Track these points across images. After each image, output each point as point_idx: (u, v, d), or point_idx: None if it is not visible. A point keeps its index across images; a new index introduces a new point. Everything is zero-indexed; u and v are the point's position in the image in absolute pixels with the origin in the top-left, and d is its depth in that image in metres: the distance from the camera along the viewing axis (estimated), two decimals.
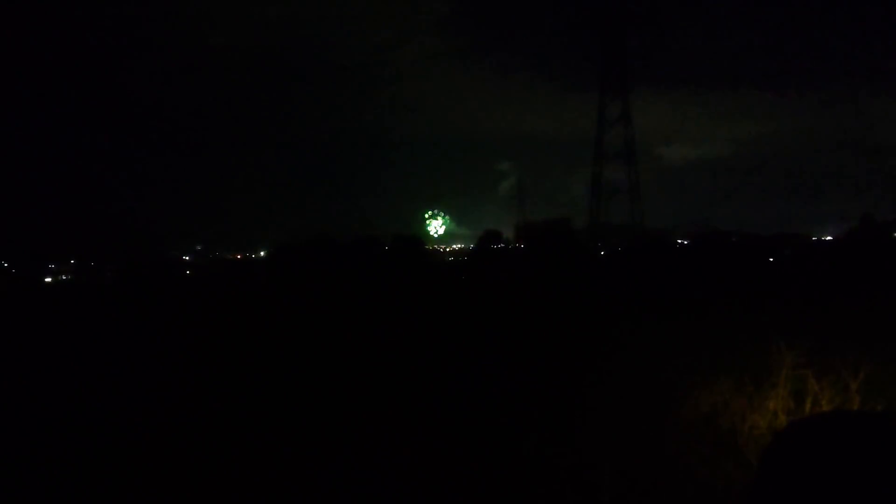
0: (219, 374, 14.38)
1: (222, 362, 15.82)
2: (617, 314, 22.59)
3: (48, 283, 67.47)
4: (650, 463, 7.28)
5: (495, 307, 27.04)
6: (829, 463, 2.02)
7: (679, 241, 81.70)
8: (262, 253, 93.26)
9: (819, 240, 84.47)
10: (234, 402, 11.82)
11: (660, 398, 9.49)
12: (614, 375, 11.57)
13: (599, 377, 11.74)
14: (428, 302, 30.05)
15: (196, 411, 11.35)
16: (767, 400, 8.13)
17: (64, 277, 71.46)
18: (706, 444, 7.75)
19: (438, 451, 8.42)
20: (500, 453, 8.16)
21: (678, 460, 7.28)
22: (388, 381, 12.90)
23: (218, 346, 18.36)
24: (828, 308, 19.80)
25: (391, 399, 11.41)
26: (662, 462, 7.28)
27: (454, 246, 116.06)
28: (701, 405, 8.84)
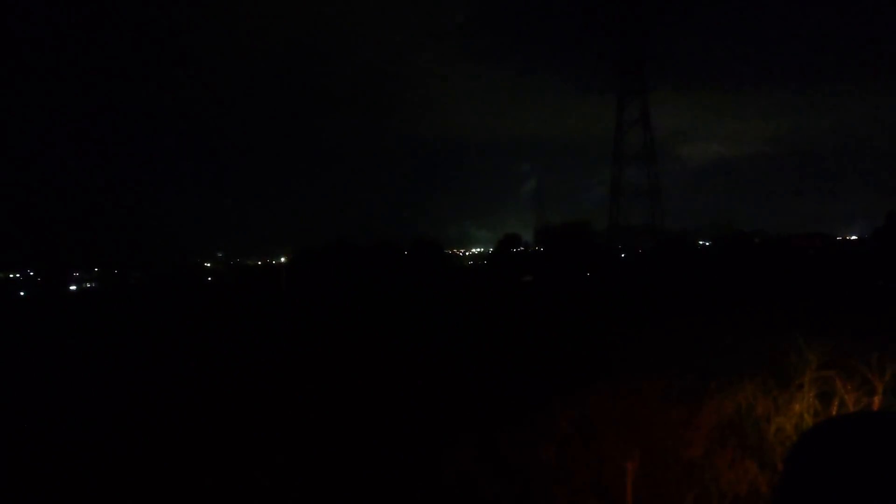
0: (239, 375, 14.48)
1: (244, 364, 15.94)
2: (639, 316, 22.44)
3: (73, 290, 68.37)
4: (673, 466, 7.20)
5: (517, 309, 26.98)
6: (855, 464, 1.97)
7: (701, 242, 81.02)
8: (282, 259, 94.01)
9: (844, 239, 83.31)
10: (256, 399, 11.90)
11: (683, 400, 9.39)
12: (637, 376, 11.46)
13: (622, 377, 11.65)
14: (448, 305, 30.05)
15: (219, 409, 11.44)
16: (793, 402, 8.01)
17: (88, 285, 72.38)
18: (731, 446, 7.64)
19: (458, 450, 8.39)
20: (521, 455, 8.11)
21: (702, 463, 7.18)
22: (409, 380, 12.91)
23: (240, 348, 18.51)
24: (853, 307, 19.52)
25: (410, 398, 11.41)
26: (686, 465, 7.19)
27: (473, 250, 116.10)
28: (725, 407, 8.72)
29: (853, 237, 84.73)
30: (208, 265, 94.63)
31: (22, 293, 64.32)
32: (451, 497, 7.38)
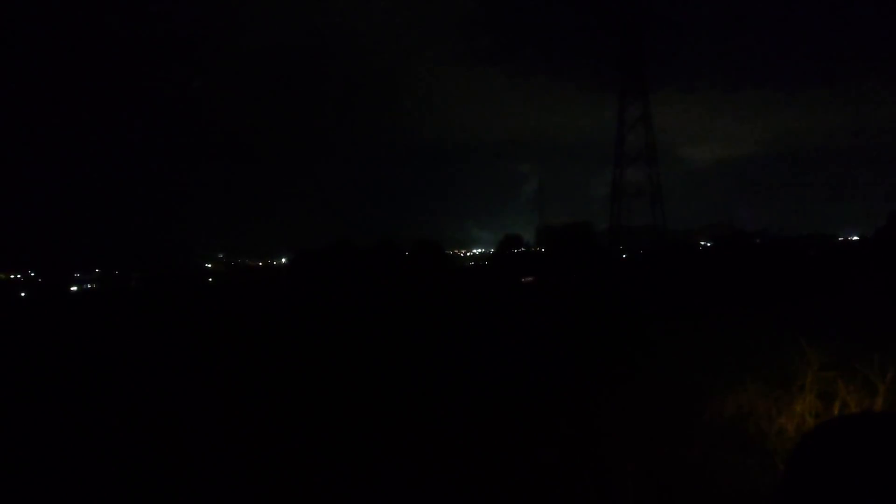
0: (245, 376, 14.48)
1: (249, 365, 15.94)
2: (640, 317, 22.42)
3: (74, 291, 68.41)
4: (675, 466, 7.19)
5: (518, 310, 26.97)
6: (857, 464, 1.97)
7: (702, 243, 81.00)
8: (283, 260, 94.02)
9: (846, 240, 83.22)
10: (259, 400, 11.90)
11: (685, 401, 9.38)
12: (639, 378, 11.47)
13: (624, 379, 11.65)
14: (450, 306, 30.04)
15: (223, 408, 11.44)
16: (794, 403, 8.00)
17: (89, 286, 72.39)
18: (732, 447, 7.64)
19: (460, 453, 8.39)
20: (525, 455, 8.11)
21: (703, 464, 7.18)
22: (408, 383, 12.90)
23: (240, 349, 18.51)
24: (854, 309, 19.47)
25: (409, 401, 11.41)
26: (688, 465, 7.18)
27: (474, 250, 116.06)
28: (727, 408, 8.72)
29: (854, 238, 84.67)
30: (209, 266, 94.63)
31: (23, 294, 64.39)
32: (453, 498, 7.38)
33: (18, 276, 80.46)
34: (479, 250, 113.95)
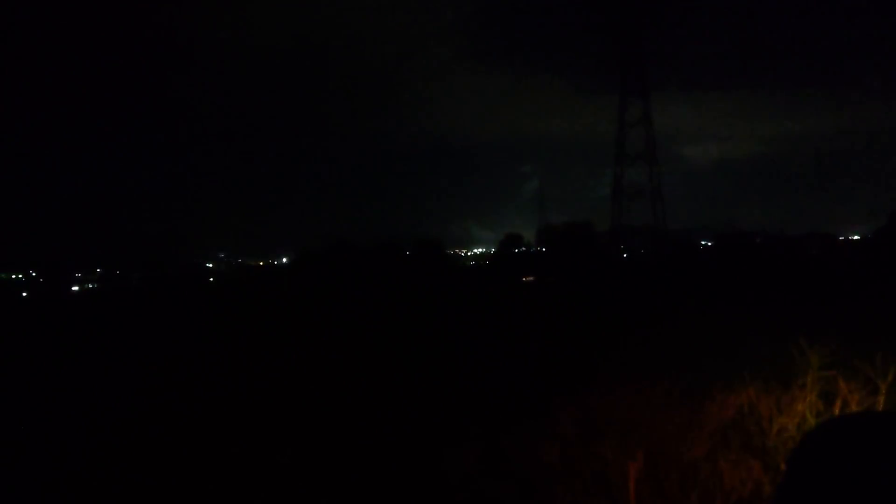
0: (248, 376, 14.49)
1: (251, 365, 15.94)
2: (640, 317, 22.43)
3: (75, 291, 68.41)
4: (676, 466, 7.18)
5: (518, 310, 26.98)
6: (858, 464, 1.97)
7: (703, 242, 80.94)
8: (283, 259, 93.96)
9: (846, 239, 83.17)
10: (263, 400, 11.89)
11: (685, 400, 9.37)
12: (638, 377, 11.44)
13: (623, 379, 11.63)
14: (452, 306, 30.05)
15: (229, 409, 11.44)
16: (795, 402, 7.99)
17: (90, 286, 72.39)
18: (733, 447, 7.63)
19: (460, 452, 8.39)
20: (524, 456, 8.10)
21: (705, 464, 7.17)
22: (411, 381, 12.90)
23: (241, 349, 18.51)
24: (854, 307, 19.48)
25: (412, 398, 11.41)
26: (689, 465, 7.17)
27: (475, 250, 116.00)
28: (727, 407, 8.70)
29: (855, 237, 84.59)
30: (210, 266, 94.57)
31: (24, 294, 64.38)
32: (455, 499, 7.37)
33: (19, 275, 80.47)
34: (480, 250, 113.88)
